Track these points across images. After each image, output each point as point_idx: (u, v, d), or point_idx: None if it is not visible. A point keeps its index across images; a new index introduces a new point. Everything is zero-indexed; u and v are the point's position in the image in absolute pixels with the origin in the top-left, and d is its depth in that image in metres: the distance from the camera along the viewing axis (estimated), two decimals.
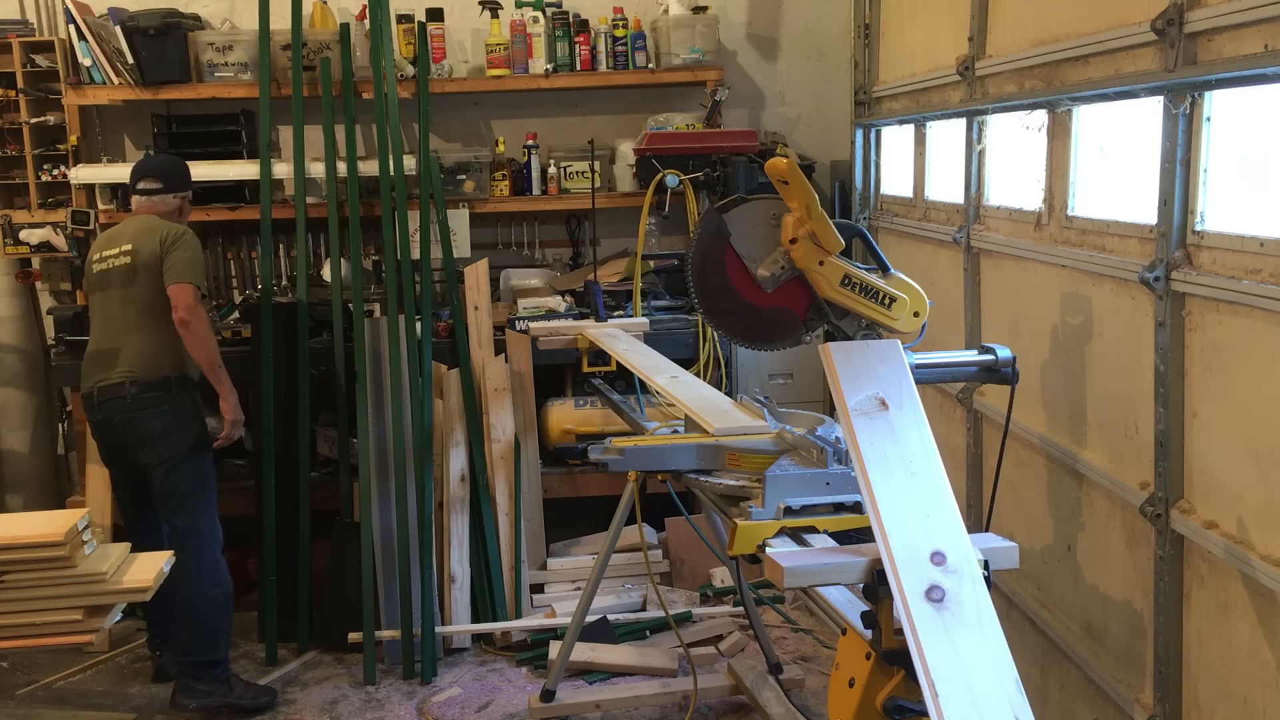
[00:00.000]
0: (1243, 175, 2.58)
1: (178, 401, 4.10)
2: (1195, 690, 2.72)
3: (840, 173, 5.45)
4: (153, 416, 4.06)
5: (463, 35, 5.55)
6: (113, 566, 3.27)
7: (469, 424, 4.75)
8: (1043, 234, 3.38)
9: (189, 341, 4.02)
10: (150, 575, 3.31)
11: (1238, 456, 2.51)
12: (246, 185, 5.18)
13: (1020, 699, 2.02)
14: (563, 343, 4.41)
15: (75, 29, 5.02)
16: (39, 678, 4.41)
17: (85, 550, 3.25)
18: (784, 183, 2.83)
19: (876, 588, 2.27)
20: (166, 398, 4.07)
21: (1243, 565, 2.46)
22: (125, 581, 3.28)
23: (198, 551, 4.09)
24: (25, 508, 5.31)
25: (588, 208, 5.23)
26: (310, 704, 4.22)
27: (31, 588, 3.18)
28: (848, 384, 2.57)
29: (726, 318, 3.00)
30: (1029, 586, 3.59)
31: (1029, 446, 3.53)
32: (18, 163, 5.25)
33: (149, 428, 4.05)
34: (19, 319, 5.37)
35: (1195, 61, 2.56)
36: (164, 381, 4.07)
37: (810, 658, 4.43)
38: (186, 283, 4.02)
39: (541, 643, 4.48)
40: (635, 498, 3.72)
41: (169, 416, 4.07)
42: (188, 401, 4.14)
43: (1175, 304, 2.68)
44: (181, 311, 3.99)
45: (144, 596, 3.30)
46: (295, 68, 4.96)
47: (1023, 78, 3.46)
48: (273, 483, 4.64)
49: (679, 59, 5.30)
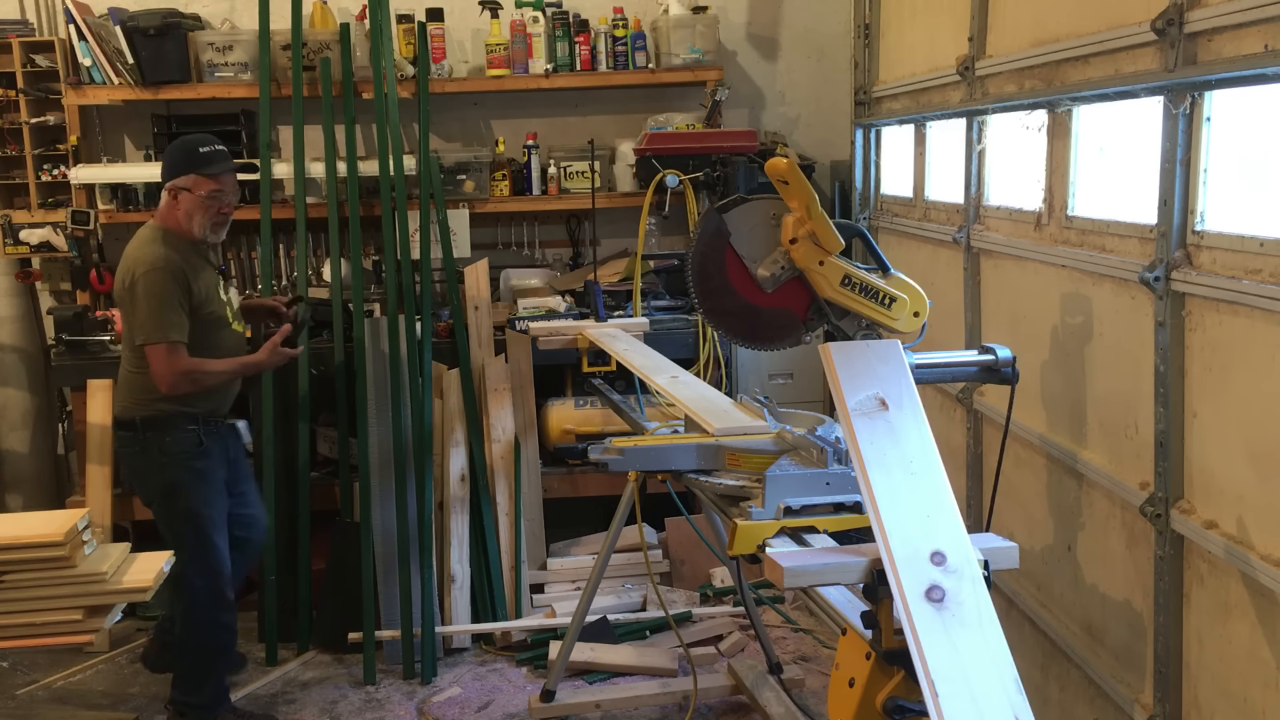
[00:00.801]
0: (1243, 175, 2.58)
1: (144, 443, 3.78)
2: (1195, 690, 2.72)
3: (840, 173, 5.45)
4: (126, 458, 3.92)
5: (463, 35, 5.55)
6: (113, 566, 3.26)
7: (469, 424, 4.75)
8: (1043, 234, 3.38)
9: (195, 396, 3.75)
10: (150, 575, 3.31)
11: (1238, 456, 2.51)
12: (246, 185, 5.18)
13: (1020, 699, 2.02)
14: (563, 343, 4.40)
15: (75, 29, 5.01)
16: (39, 678, 4.41)
17: (85, 550, 3.25)
18: (784, 183, 2.83)
19: (876, 588, 2.27)
20: (135, 439, 3.79)
21: (1243, 565, 2.46)
22: (125, 581, 3.28)
23: (187, 602, 3.87)
24: (25, 508, 5.30)
25: (588, 208, 5.23)
26: (310, 704, 4.22)
27: (31, 588, 3.18)
28: (848, 384, 2.57)
29: (726, 318, 3.00)
30: (1029, 586, 3.59)
31: (1029, 446, 3.53)
32: (18, 163, 5.25)
33: (128, 468, 3.98)
34: (19, 319, 5.37)
35: (1195, 61, 2.56)
36: (130, 423, 3.79)
37: (810, 658, 4.43)
38: (154, 343, 3.63)
39: (541, 643, 4.48)
40: (635, 498, 3.72)
41: (138, 460, 3.83)
42: (154, 445, 3.77)
43: (1175, 304, 2.68)
44: (160, 379, 3.65)
45: (144, 596, 3.30)
46: (295, 68, 4.96)
47: (1023, 78, 3.46)
48: (273, 483, 4.64)
49: (679, 59, 5.30)
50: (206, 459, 3.84)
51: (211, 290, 3.82)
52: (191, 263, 3.76)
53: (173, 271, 3.66)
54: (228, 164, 3.83)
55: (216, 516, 3.88)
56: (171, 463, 3.78)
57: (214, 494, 3.87)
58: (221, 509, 3.91)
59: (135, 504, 4.94)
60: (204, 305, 3.76)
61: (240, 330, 3.99)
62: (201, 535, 3.82)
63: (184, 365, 3.67)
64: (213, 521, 3.85)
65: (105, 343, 4.88)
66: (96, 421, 4.74)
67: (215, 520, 3.87)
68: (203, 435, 3.82)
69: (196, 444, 3.80)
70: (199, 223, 3.78)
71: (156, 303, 3.63)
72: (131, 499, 4.92)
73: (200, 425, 3.81)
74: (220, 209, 3.81)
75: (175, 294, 3.65)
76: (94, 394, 4.75)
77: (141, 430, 3.77)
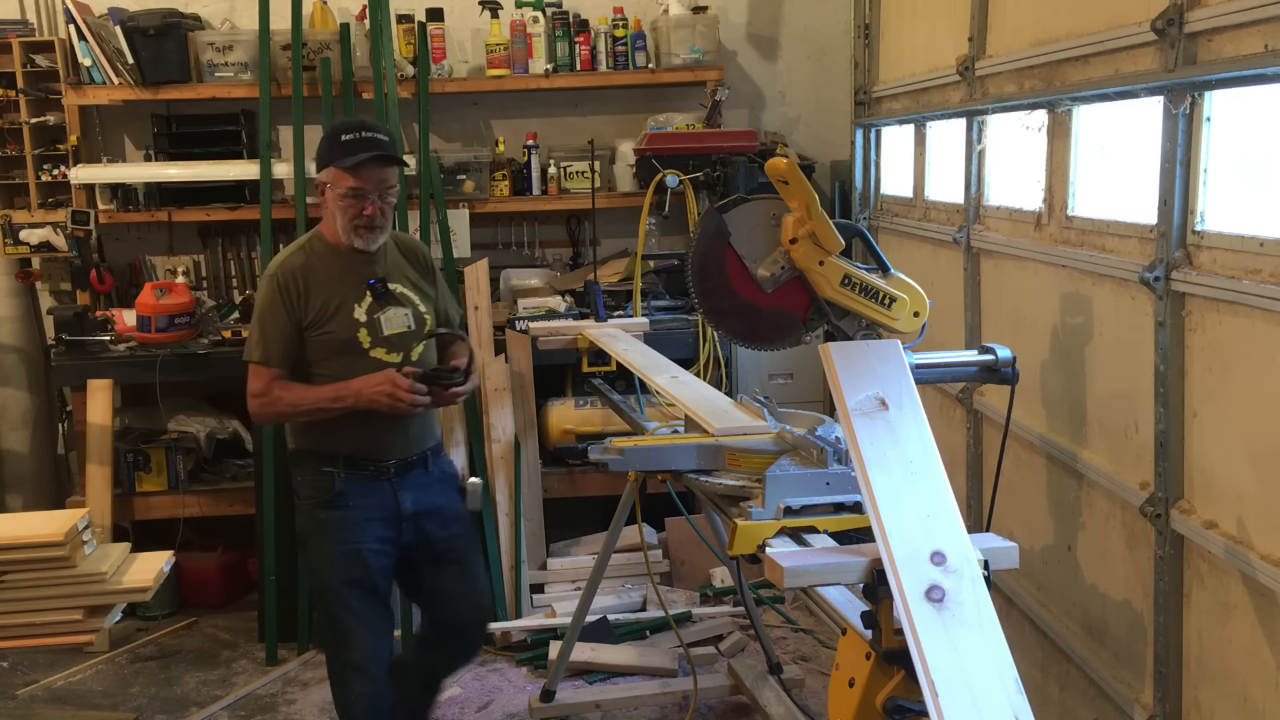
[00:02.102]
0: (1243, 175, 2.58)
1: (294, 479, 3.28)
2: (1195, 690, 2.72)
3: (840, 173, 5.45)
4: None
5: (463, 35, 5.55)
6: (113, 566, 3.27)
7: (469, 424, 4.75)
8: (1043, 234, 3.38)
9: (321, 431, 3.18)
10: (150, 575, 3.32)
11: (1238, 456, 2.51)
12: (246, 185, 5.18)
13: (1020, 699, 2.02)
14: (563, 343, 4.40)
15: (75, 29, 5.01)
16: (39, 678, 4.41)
17: (85, 550, 3.25)
18: (784, 183, 2.83)
19: (876, 588, 2.27)
20: (290, 473, 3.31)
21: (1243, 565, 2.46)
22: (125, 581, 3.28)
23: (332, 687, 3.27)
24: (25, 508, 5.30)
25: (588, 208, 5.23)
26: (310, 704, 4.22)
27: (31, 588, 3.18)
28: (848, 384, 2.57)
29: (726, 318, 3.00)
30: (1029, 586, 3.59)
31: (1029, 446, 3.53)
32: (18, 163, 5.24)
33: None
34: (19, 319, 5.36)
35: (1195, 61, 2.56)
36: (286, 453, 3.34)
37: (810, 658, 4.43)
38: (248, 360, 3.17)
39: (541, 643, 4.48)
40: (635, 498, 3.72)
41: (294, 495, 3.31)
42: (300, 483, 3.24)
43: (1175, 304, 2.68)
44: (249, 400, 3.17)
45: (144, 596, 3.30)
46: (295, 68, 4.96)
47: (1023, 78, 3.46)
48: (273, 483, 4.64)
49: (679, 59, 5.30)
50: (341, 509, 3.15)
51: (341, 308, 3.17)
52: (323, 274, 3.18)
53: (283, 282, 3.15)
54: (370, 154, 3.11)
55: (344, 589, 3.16)
56: (301, 507, 3.25)
57: (345, 558, 3.16)
58: (362, 581, 3.18)
59: (135, 504, 4.95)
60: (321, 323, 3.16)
61: (393, 363, 3.20)
62: (327, 610, 3.22)
63: (258, 387, 3.14)
64: (338, 595, 3.16)
65: (105, 343, 4.89)
66: (96, 421, 4.74)
67: (343, 595, 3.16)
68: (340, 480, 3.16)
69: (328, 489, 3.16)
70: (342, 226, 3.17)
71: (256, 315, 3.19)
72: (131, 499, 4.94)
73: (340, 469, 3.16)
74: (362, 210, 3.14)
75: (278, 308, 3.13)
76: (94, 394, 4.75)
77: (291, 463, 3.30)
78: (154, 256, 5.48)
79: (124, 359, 4.83)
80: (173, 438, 4.93)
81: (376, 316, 3.20)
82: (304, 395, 3.13)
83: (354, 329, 3.17)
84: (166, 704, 4.19)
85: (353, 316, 3.17)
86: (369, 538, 3.17)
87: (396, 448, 3.22)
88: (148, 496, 4.96)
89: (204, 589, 5.05)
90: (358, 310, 3.18)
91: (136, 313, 4.88)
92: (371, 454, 3.18)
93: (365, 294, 3.19)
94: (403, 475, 3.22)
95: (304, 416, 3.16)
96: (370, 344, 3.18)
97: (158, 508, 4.97)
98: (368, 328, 3.18)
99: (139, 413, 5.02)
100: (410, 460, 3.25)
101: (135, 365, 4.80)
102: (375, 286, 3.19)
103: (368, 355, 3.17)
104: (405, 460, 3.23)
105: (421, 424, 3.29)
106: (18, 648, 3.45)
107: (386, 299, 3.22)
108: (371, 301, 3.20)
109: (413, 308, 3.26)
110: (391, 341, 3.20)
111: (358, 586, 3.16)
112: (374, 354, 3.18)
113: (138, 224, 5.33)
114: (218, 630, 4.85)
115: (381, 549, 3.20)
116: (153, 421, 4.96)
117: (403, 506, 3.22)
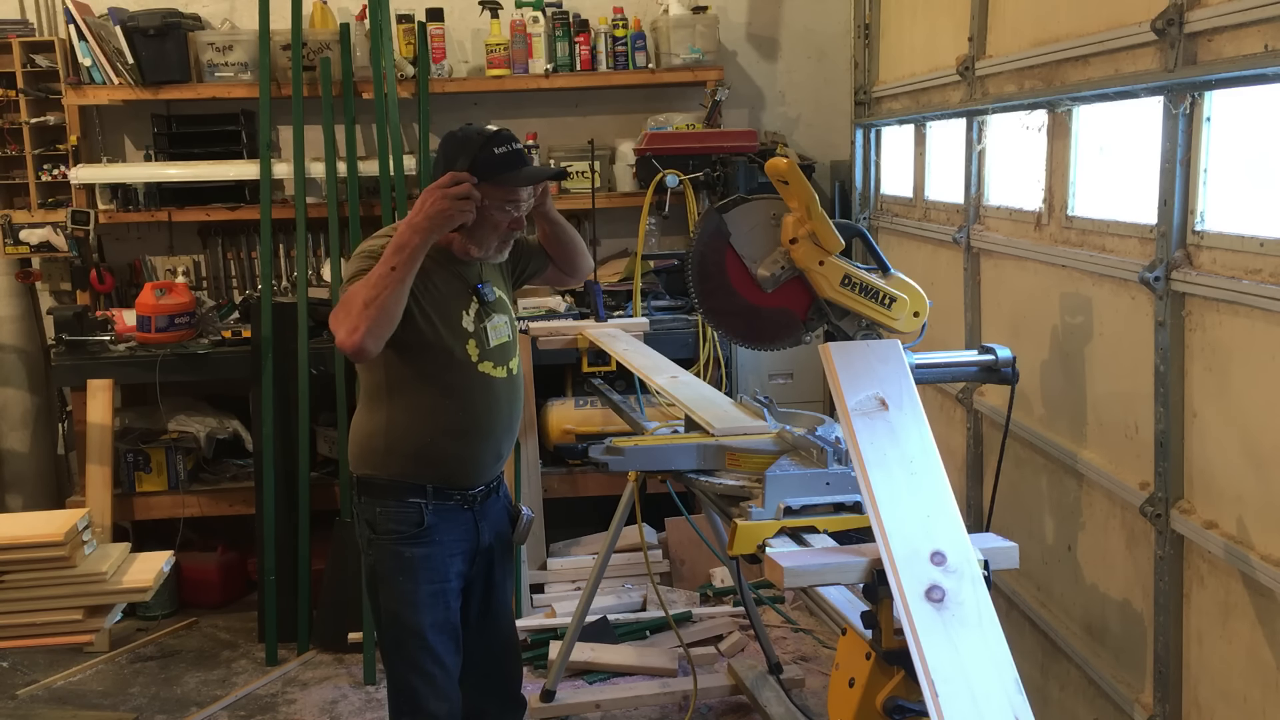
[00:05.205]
0: (1243, 175, 2.58)
1: (358, 509, 2.94)
2: (1195, 690, 2.72)
3: (840, 173, 5.45)
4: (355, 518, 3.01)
5: (463, 35, 5.55)
6: (113, 566, 3.27)
7: None
8: (1043, 234, 3.38)
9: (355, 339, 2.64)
10: (150, 575, 3.32)
11: (1238, 456, 2.51)
12: (246, 185, 5.18)
13: (1020, 699, 2.02)
14: (563, 343, 4.40)
15: (75, 29, 5.02)
16: (39, 678, 4.41)
17: (85, 550, 3.26)
18: (784, 183, 2.83)
19: (876, 588, 2.27)
20: (355, 504, 2.98)
21: (1243, 565, 2.46)
22: (125, 581, 3.29)
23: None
24: (25, 508, 5.30)
25: (588, 208, 5.23)
26: (310, 704, 4.22)
27: (31, 588, 3.19)
28: (848, 384, 2.57)
29: (726, 318, 2.99)
30: (1029, 586, 3.59)
31: (1029, 446, 3.53)
32: (18, 163, 5.25)
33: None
34: (19, 319, 5.37)
35: (1195, 61, 2.56)
36: (351, 480, 2.99)
37: (810, 658, 4.43)
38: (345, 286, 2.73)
39: (541, 643, 4.48)
40: (635, 498, 3.72)
41: (356, 523, 2.98)
42: (379, 515, 2.87)
43: (1175, 304, 2.68)
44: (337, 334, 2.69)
45: (144, 596, 3.31)
46: (295, 68, 4.96)
47: (1023, 78, 3.46)
48: (273, 483, 4.64)
49: (679, 59, 5.30)
50: (428, 545, 2.86)
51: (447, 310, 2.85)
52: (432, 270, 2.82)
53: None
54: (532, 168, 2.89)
55: (432, 634, 2.86)
56: (379, 542, 2.88)
57: (432, 599, 2.87)
58: (445, 624, 2.89)
59: (135, 504, 4.95)
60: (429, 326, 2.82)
61: (498, 377, 2.92)
62: (408, 656, 2.87)
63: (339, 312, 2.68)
64: (426, 641, 2.85)
65: (105, 343, 4.89)
66: (96, 421, 4.74)
67: (430, 640, 2.86)
68: (429, 513, 2.86)
69: (416, 523, 2.85)
70: (489, 237, 2.87)
71: (359, 253, 2.79)
72: (131, 499, 4.94)
73: (428, 499, 2.86)
74: (509, 225, 2.87)
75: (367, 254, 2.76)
76: (94, 394, 4.75)
77: (358, 492, 2.93)
78: (154, 256, 5.48)
79: (124, 359, 4.83)
80: (173, 438, 4.93)
81: (484, 325, 2.91)
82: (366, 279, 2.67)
83: (462, 341, 2.86)
84: (166, 704, 4.19)
85: (465, 326, 2.87)
86: (453, 575, 2.91)
87: (487, 468, 2.94)
88: (148, 496, 4.96)
89: (204, 589, 5.05)
90: (465, 319, 2.88)
91: (136, 313, 4.89)
92: (460, 480, 2.90)
93: (472, 299, 2.90)
94: (484, 503, 2.97)
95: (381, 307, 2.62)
96: (478, 357, 2.89)
97: (158, 508, 4.98)
98: (475, 339, 2.89)
99: (139, 413, 5.02)
100: (491, 485, 2.99)
101: (135, 365, 4.80)
102: (484, 292, 2.92)
103: (476, 369, 2.88)
104: (488, 486, 2.98)
105: (509, 430, 2.99)
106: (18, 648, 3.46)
107: (488, 306, 2.94)
108: (479, 308, 2.91)
109: (509, 315, 3.02)
110: (495, 355, 2.92)
111: (443, 631, 2.88)
112: (485, 369, 2.90)
113: (138, 224, 5.33)
114: (218, 630, 4.85)
115: (460, 586, 2.95)
116: (153, 421, 4.97)
117: (482, 539, 2.97)
